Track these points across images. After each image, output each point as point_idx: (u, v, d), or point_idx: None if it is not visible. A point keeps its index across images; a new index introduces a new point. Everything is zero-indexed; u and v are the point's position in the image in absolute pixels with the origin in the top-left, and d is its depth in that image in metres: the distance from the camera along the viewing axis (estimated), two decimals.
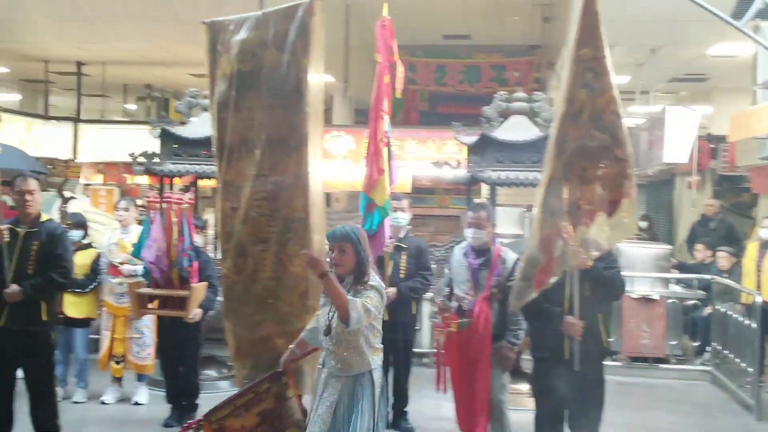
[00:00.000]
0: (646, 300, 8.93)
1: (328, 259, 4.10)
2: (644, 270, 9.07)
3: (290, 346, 4.37)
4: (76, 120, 16.03)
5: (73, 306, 6.92)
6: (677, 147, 10.68)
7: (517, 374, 7.10)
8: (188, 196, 6.32)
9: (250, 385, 4.30)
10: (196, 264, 6.18)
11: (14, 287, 5.13)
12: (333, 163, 12.87)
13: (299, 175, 4.75)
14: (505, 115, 7.50)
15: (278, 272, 4.71)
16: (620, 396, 7.29)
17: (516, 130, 7.36)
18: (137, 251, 6.26)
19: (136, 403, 7.01)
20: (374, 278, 4.10)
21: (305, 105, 4.73)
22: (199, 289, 6.13)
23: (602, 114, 4.62)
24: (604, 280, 4.84)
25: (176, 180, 8.22)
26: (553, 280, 4.73)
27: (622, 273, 5.03)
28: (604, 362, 5.06)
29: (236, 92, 4.82)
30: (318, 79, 4.89)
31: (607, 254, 4.84)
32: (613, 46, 4.78)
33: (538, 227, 4.78)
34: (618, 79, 4.75)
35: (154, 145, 8.00)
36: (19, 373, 5.40)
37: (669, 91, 16.36)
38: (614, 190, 4.62)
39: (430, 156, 12.79)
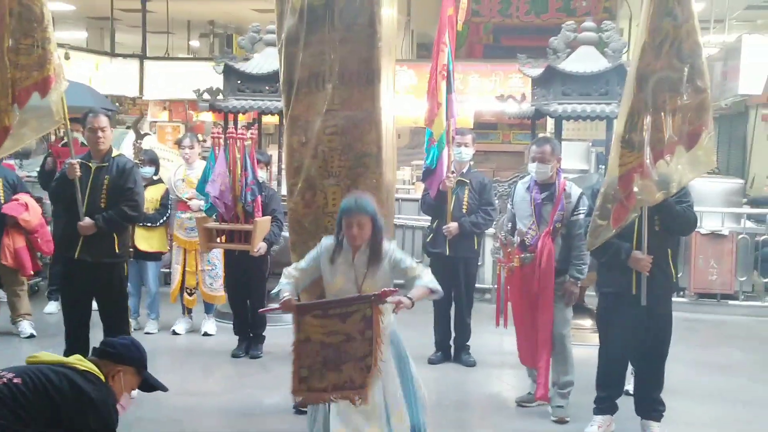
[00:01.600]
0: (715, 235, 8.74)
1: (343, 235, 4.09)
2: (714, 205, 8.84)
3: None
4: (142, 57, 16.23)
5: (144, 240, 7.11)
6: (753, 78, 10.28)
7: (580, 309, 7.08)
8: (251, 132, 6.37)
9: (339, 300, 4.04)
10: (259, 198, 6.26)
11: (87, 220, 5.30)
12: (395, 99, 12.80)
13: (371, 110, 4.71)
14: (572, 46, 7.32)
15: None
16: (687, 332, 7.22)
17: (584, 61, 7.18)
18: (201, 186, 6.36)
19: (206, 334, 7.23)
20: (389, 244, 4.16)
21: (378, 39, 4.67)
22: (263, 223, 6.22)
23: (683, 43, 4.49)
24: (675, 215, 4.74)
25: (240, 116, 8.29)
26: (632, 216, 4.65)
27: (693, 207, 4.91)
28: (671, 298, 5.00)
29: (306, 26, 4.74)
30: (390, 12, 4.82)
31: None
32: None
33: (617, 161, 4.69)
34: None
35: (218, 82, 8.07)
36: (94, 304, 5.62)
37: (745, 19, 15.62)
38: (694, 122, 4.51)
39: (493, 90, 12.62)
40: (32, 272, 7.23)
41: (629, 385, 5.41)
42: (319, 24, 4.76)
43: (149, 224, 7.06)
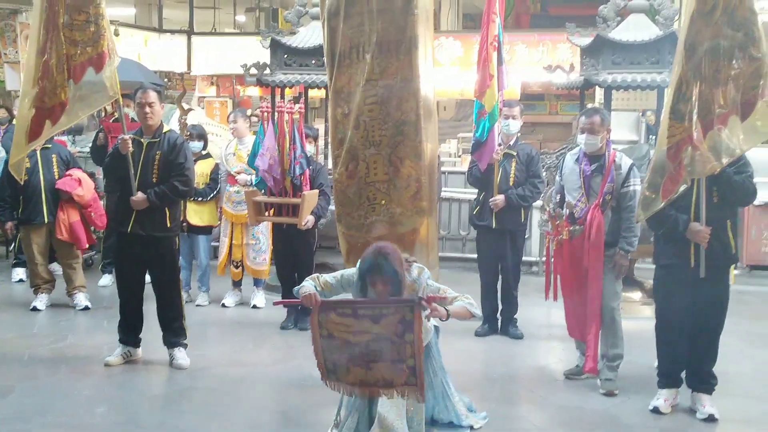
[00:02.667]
0: None
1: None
2: (767, 175, 8.63)
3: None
4: (190, 33, 16.35)
5: (195, 214, 7.23)
6: None
7: (630, 282, 7.01)
8: (299, 106, 6.41)
9: (375, 300, 3.95)
10: (307, 172, 6.31)
11: (140, 194, 5.40)
12: (440, 71, 12.71)
13: (409, 79, 4.74)
14: (622, 14, 7.18)
15: (390, 174, 4.78)
16: (738, 305, 7.07)
17: (634, 29, 7.06)
18: (251, 160, 6.43)
19: (254, 307, 7.34)
20: (423, 277, 4.16)
21: (414, 7, 4.67)
22: (310, 196, 6.28)
23: (735, 10, 4.38)
24: (733, 186, 4.65)
25: (287, 90, 8.33)
26: (681, 188, 4.59)
27: (753, 178, 4.78)
28: (729, 270, 4.93)
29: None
30: None
31: (737, 158, 4.62)
32: None
33: (665, 133, 4.62)
34: None
35: (265, 56, 8.11)
36: (147, 277, 5.75)
37: None
38: (749, 91, 4.41)
39: (540, 60, 12.45)
40: (87, 246, 7.41)
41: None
42: None
43: (200, 199, 7.16)
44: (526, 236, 7.18)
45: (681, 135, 4.55)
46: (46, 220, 7.00)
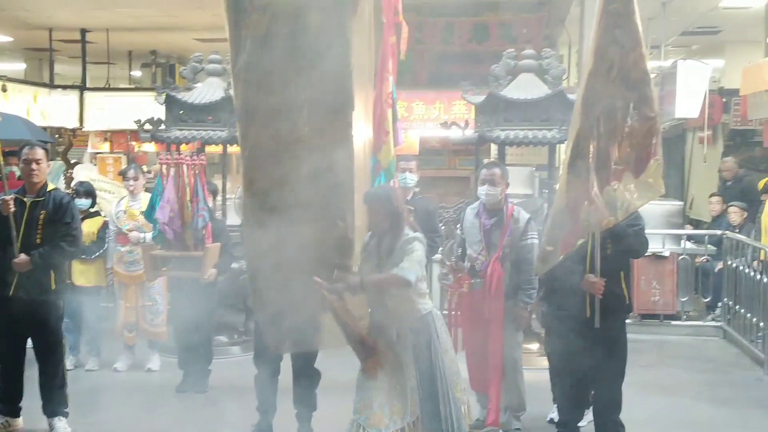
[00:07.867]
0: (657, 257, 8.88)
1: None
2: (655, 227, 8.99)
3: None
4: (82, 88, 15.95)
5: (80, 275, 6.93)
6: (688, 102, 10.52)
7: (528, 333, 7.09)
8: (201, 156, 6.28)
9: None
10: (210, 225, 6.17)
11: (23, 257, 5.15)
12: None
13: (342, 138, 4.60)
14: (513, 73, 7.41)
15: (321, 235, 4.63)
16: (632, 353, 7.13)
17: (525, 88, 7.27)
18: (149, 213, 6.24)
19: (149, 370, 7.05)
20: (411, 232, 4.32)
21: (348, 65, 4.55)
22: (213, 249, 6.12)
23: (630, 71, 4.54)
24: (626, 238, 4.78)
25: (183, 147, 8.18)
26: (579, 242, 4.68)
27: (645, 231, 4.94)
28: (625, 320, 5.04)
29: (270, 52, 4.57)
30: (364, 38, 4.77)
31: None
32: None
33: (564, 188, 4.71)
34: None
35: (161, 112, 7.96)
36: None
37: (680, 45, 16.04)
38: (642, 149, 4.56)
39: (437, 117, 12.69)
40: None
41: (553, 414, 5.46)
42: (285, 51, 4.55)
43: (84, 257, 6.85)
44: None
45: (579, 190, 4.64)
46: None
